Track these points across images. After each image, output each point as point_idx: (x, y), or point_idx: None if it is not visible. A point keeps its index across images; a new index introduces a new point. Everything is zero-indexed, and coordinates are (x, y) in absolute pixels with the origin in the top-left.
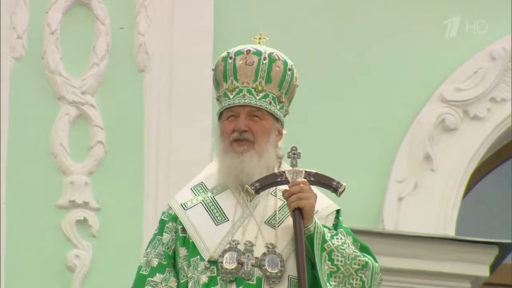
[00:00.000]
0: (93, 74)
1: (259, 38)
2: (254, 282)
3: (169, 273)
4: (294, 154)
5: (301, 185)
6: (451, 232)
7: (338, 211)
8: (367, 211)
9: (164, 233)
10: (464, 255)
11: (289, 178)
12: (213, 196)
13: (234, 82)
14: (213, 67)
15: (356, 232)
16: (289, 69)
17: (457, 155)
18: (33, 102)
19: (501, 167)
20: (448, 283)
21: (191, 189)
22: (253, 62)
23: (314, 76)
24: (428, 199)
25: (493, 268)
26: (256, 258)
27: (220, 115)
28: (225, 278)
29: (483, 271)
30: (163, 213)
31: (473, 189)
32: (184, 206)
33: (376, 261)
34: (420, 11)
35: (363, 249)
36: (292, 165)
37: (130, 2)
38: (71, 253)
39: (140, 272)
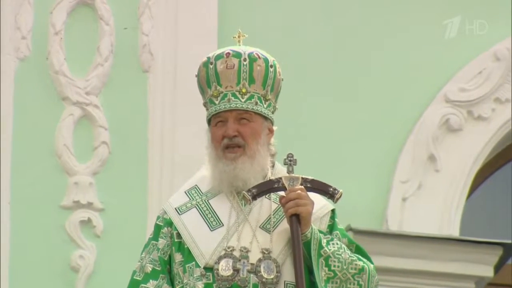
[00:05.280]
0: (97, 75)
1: (238, 36)
2: None
3: (162, 280)
4: (290, 161)
5: (299, 191)
6: (455, 233)
7: (333, 211)
8: (371, 212)
9: (159, 238)
10: (468, 255)
11: (286, 185)
12: (208, 200)
13: (218, 87)
14: (196, 74)
15: (360, 232)
16: (271, 66)
17: (461, 156)
18: (37, 103)
19: (505, 168)
20: (452, 284)
21: (185, 192)
22: (234, 65)
23: (317, 76)
24: (432, 199)
25: (497, 268)
26: (252, 264)
27: (209, 121)
28: (221, 285)
29: (487, 272)
30: (158, 217)
31: (477, 190)
32: (178, 211)
33: (371, 262)
34: (420, 11)
35: (358, 249)
36: (289, 172)
37: (134, 3)
38: (75, 253)
39: (134, 277)
